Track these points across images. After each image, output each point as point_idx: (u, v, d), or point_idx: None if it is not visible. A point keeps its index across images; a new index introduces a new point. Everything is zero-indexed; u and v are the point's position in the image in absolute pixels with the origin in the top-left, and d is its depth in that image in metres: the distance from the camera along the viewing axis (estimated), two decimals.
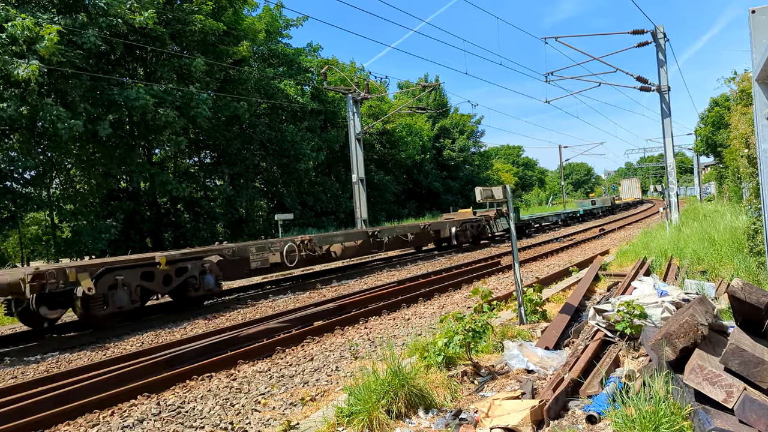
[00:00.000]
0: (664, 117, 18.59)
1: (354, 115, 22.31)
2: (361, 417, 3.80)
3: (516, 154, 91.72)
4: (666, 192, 19.18)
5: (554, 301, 8.28)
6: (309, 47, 33.65)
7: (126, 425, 4.79)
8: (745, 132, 10.67)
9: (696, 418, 2.98)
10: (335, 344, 7.28)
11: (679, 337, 3.43)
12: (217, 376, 6.12)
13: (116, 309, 9.03)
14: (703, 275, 8.65)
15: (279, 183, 30.92)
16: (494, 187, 6.60)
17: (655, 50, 18.38)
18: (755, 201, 9.02)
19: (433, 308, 9.34)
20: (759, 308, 3.56)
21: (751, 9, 2.68)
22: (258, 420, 4.73)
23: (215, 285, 10.70)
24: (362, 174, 22.27)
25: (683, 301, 5.36)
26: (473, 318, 5.10)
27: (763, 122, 2.73)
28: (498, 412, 3.73)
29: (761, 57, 2.60)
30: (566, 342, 5.76)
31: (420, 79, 46.75)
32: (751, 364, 3.01)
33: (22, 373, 7.04)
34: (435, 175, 46.22)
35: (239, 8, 26.66)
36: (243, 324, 8.41)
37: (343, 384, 5.21)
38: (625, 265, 11.37)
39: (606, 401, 3.64)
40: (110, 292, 8.96)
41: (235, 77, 25.50)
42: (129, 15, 18.85)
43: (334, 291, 12.14)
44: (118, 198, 22.89)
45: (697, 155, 47.86)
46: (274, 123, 29.47)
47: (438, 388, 4.42)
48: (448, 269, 13.98)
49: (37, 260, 20.70)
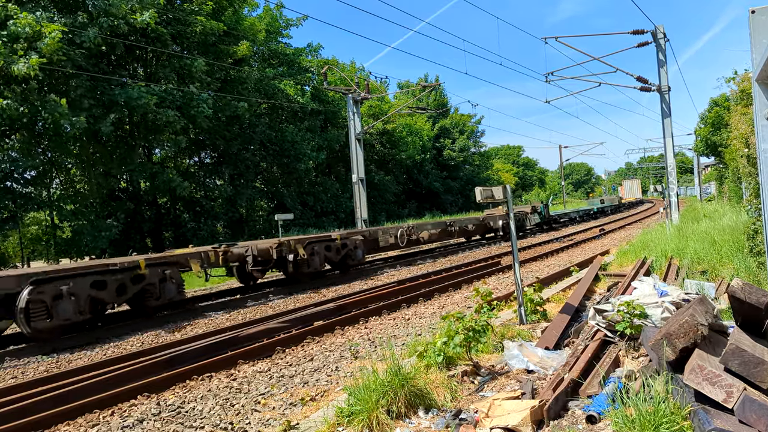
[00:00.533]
0: (664, 117, 18.59)
1: (354, 115, 22.31)
2: (361, 417, 3.80)
3: (516, 154, 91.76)
4: (666, 192, 19.18)
5: (554, 301, 8.27)
6: (309, 47, 33.66)
7: (126, 425, 4.79)
8: (745, 132, 10.68)
9: (696, 418, 2.98)
10: (335, 344, 7.28)
11: (679, 337, 3.43)
12: (217, 376, 6.12)
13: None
14: (703, 275, 8.65)
15: (279, 183, 30.93)
16: (494, 187, 6.60)
17: (655, 50, 18.38)
18: (755, 201, 9.03)
19: (433, 308, 9.34)
20: (759, 308, 3.56)
21: (750, 9, 2.68)
22: (258, 420, 4.73)
23: (362, 257, 14.88)
24: (362, 174, 22.27)
25: (683, 301, 5.36)
26: (473, 318, 5.10)
27: (763, 122, 2.73)
28: (498, 412, 3.73)
29: (761, 57, 2.60)
30: (566, 342, 5.76)
31: (420, 79, 46.80)
32: (751, 364, 3.01)
33: (22, 373, 7.04)
34: (435, 175, 46.23)
35: (239, 8, 26.67)
36: (243, 324, 8.41)
37: (343, 384, 5.22)
38: (625, 265, 11.36)
39: (606, 401, 3.64)
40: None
41: (235, 77, 25.51)
42: (130, 15, 18.85)
43: (335, 291, 12.15)
44: (118, 198, 22.90)
45: (697, 155, 47.87)
46: (274, 123, 29.48)
47: (438, 388, 4.42)
48: (448, 269, 13.97)
49: (37, 260, 20.72)
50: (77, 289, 8.60)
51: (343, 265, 14.52)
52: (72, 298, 8.47)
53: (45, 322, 8.15)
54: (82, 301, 8.63)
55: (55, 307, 8.30)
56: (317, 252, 13.16)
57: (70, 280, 8.54)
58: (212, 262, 11.26)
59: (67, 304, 8.41)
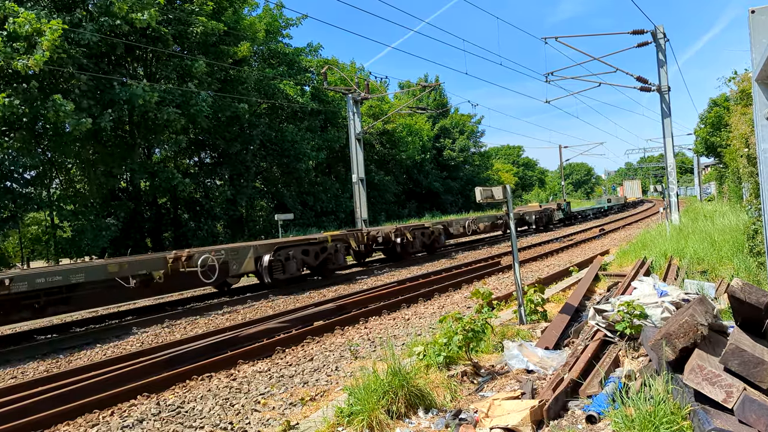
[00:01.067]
0: (664, 117, 18.59)
1: (354, 115, 22.30)
2: (361, 417, 3.80)
3: (516, 154, 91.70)
4: (666, 192, 19.18)
5: (554, 301, 8.27)
6: (309, 47, 33.64)
7: (126, 425, 4.79)
8: (745, 132, 10.68)
9: (696, 418, 2.98)
10: (335, 344, 7.28)
11: (678, 337, 3.43)
12: (216, 376, 6.12)
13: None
14: (703, 275, 8.65)
15: (279, 183, 30.92)
16: (494, 188, 6.59)
17: (655, 50, 18.38)
18: (755, 201, 9.02)
19: (433, 308, 9.34)
20: (759, 308, 3.56)
21: (750, 9, 2.68)
22: (258, 420, 4.73)
23: (444, 242, 19.03)
24: (362, 174, 22.26)
25: (683, 301, 5.36)
26: (473, 318, 5.10)
27: (763, 122, 2.73)
28: (498, 412, 3.73)
29: (761, 57, 2.60)
30: (566, 342, 5.76)
31: (420, 79, 46.74)
32: (751, 364, 3.01)
33: (22, 373, 7.04)
34: (435, 175, 46.20)
35: (239, 8, 26.66)
36: (243, 324, 8.41)
37: (343, 384, 5.21)
38: (625, 265, 11.36)
39: (606, 401, 3.64)
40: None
41: (235, 77, 25.50)
42: (131, 15, 18.81)
43: (335, 291, 12.15)
44: (118, 198, 22.90)
45: (697, 156, 47.90)
46: (274, 123, 29.47)
47: (438, 388, 4.42)
48: (448, 269, 13.97)
49: (37, 260, 20.71)
50: (296, 254, 12.68)
51: (431, 247, 18.33)
52: (294, 260, 12.55)
53: (281, 274, 12.19)
54: (298, 262, 12.70)
55: (286, 264, 12.35)
56: (417, 237, 17.02)
57: (292, 249, 12.62)
58: (360, 241, 15.08)
59: (292, 263, 12.51)
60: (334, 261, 13.86)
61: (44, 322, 10.20)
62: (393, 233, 16.11)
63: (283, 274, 12.21)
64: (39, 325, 9.98)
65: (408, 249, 16.65)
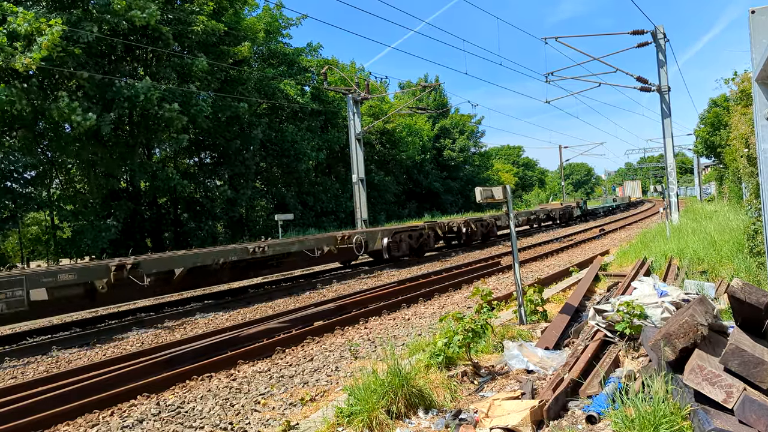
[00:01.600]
0: (664, 117, 18.59)
1: (354, 115, 22.31)
2: (361, 417, 3.80)
3: (516, 155, 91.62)
4: (666, 192, 19.18)
5: (554, 301, 8.27)
6: (309, 47, 33.63)
7: (126, 425, 4.79)
8: (745, 132, 10.69)
9: (696, 418, 2.98)
10: (335, 344, 7.28)
11: (678, 338, 3.43)
12: (216, 376, 6.12)
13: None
14: (703, 275, 8.64)
15: (279, 183, 30.91)
16: (494, 188, 6.59)
17: (655, 50, 18.39)
18: (755, 201, 9.03)
19: (433, 308, 9.34)
20: (759, 308, 3.56)
21: (750, 9, 2.68)
22: (258, 420, 4.73)
23: (496, 231, 22.15)
24: (362, 174, 22.27)
25: (683, 301, 5.36)
26: (473, 318, 5.10)
27: (763, 122, 2.73)
28: (498, 413, 3.73)
29: (761, 57, 2.59)
30: (566, 342, 5.76)
31: (420, 79, 46.73)
32: (751, 364, 3.01)
33: (22, 373, 7.04)
34: (435, 175, 46.19)
35: (239, 8, 26.65)
36: (243, 324, 8.41)
37: (343, 384, 5.21)
38: (625, 265, 11.36)
39: (606, 401, 3.64)
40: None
41: (236, 77, 25.49)
42: (131, 13, 18.79)
43: (335, 291, 12.15)
44: (118, 198, 22.89)
45: (697, 156, 47.90)
46: (274, 123, 29.46)
47: (438, 389, 4.42)
48: (448, 269, 13.97)
49: (37, 260, 20.71)
50: (405, 237, 16.41)
51: (486, 236, 21.47)
52: (403, 242, 16.26)
53: (396, 252, 15.95)
54: (406, 243, 16.40)
55: (400, 245, 16.10)
56: (478, 227, 20.49)
57: (402, 233, 16.40)
58: (443, 229, 18.50)
59: (404, 244, 16.27)
60: (427, 244, 17.67)
61: (44, 322, 10.20)
62: (462, 224, 19.68)
63: (398, 252, 16.09)
64: (39, 325, 9.98)
65: (472, 237, 20.30)
